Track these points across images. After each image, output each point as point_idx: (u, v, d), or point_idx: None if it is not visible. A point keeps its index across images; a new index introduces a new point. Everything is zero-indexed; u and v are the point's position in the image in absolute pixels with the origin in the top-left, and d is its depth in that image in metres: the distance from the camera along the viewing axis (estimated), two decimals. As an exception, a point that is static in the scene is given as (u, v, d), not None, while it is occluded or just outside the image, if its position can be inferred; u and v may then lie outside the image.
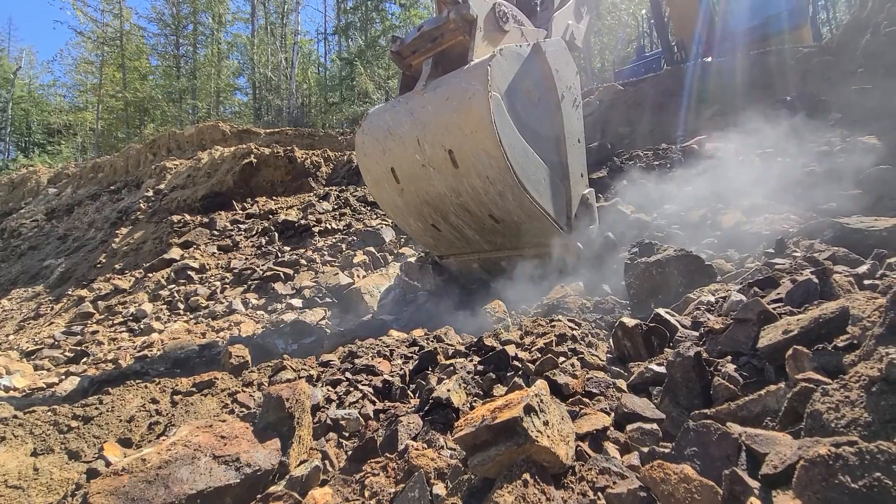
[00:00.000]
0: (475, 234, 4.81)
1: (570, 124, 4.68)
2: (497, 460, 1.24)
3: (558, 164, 4.56)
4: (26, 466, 1.54)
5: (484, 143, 3.82)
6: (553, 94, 4.58)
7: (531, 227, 4.34)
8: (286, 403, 1.89)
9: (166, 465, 1.57)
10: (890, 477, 0.81)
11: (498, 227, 4.45)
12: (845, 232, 4.18)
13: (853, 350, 1.31)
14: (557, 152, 4.61)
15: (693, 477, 1.10)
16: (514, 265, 5.04)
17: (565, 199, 4.52)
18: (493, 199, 4.21)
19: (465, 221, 4.63)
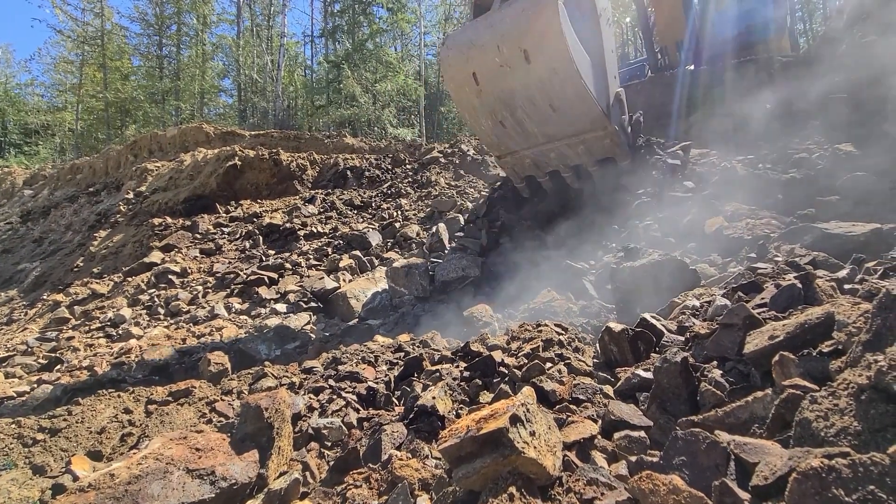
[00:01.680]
0: (534, 126, 5.79)
1: (606, 36, 5.69)
2: (482, 473, 1.20)
3: (599, 65, 5.54)
4: (-18, 485, 1.46)
5: (553, 40, 4.92)
6: (594, 11, 5.63)
7: (580, 113, 5.33)
8: (265, 413, 1.83)
9: (136, 480, 1.50)
10: (884, 490, 0.79)
11: (554, 116, 5.47)
12: (824, 237, 4.27)
13: (839, 356, 1.30)
14: (599, 55, 5.55)
15: (682, 488, 1.08)
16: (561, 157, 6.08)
17: (605, 92, 5.51)
18: (554, 89, 5.26)
19: (529, 113, 5.66)
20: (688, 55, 10.82)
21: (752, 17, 10.80)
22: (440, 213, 9.73)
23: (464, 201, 10.01)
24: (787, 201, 5.36)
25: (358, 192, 12.16)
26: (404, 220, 9.94)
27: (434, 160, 12.45)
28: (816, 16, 28.51)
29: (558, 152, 6.09)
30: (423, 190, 11.22)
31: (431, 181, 11.40)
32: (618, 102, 5.85)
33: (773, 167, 6.04)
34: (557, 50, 4.99)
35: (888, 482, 0.80)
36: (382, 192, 11.79)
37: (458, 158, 12.40)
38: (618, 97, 5.83)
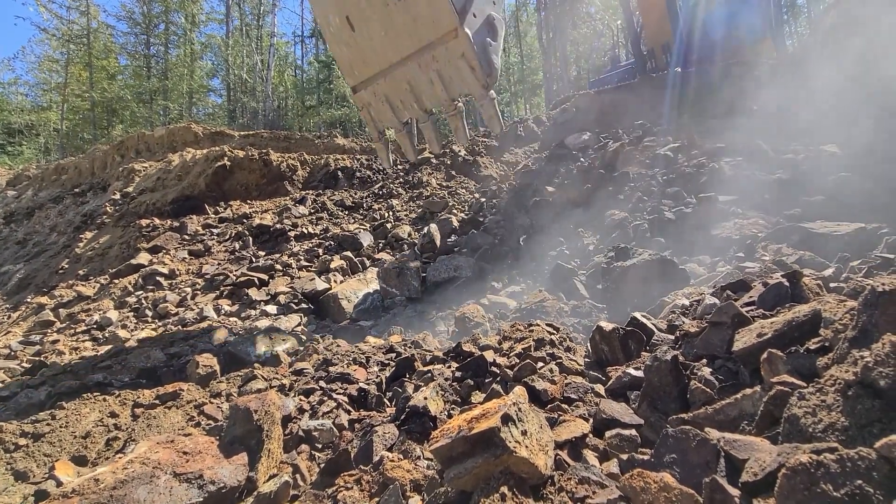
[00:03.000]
0: (379, 27, 4.77)
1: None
2: (474, 473, 1.20)
3: None
4: (-40, 493, 1.41)
5: None
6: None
7: (427, 7, 4.32)
8: (254, 415, 1.80)
9: (122, 485, 1.47)
10: (871, 484, 0.80)
11: (397, 7, 4.45)
12: (810, 236, 4.34)
13: (826, 353, 1.32)
14: None
15: (673, 485, 1.08)
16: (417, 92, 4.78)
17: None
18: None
19: (372, 6, 4.61)
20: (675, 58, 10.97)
21: (735, 21, 10.98)
22: (432, 213, 9.72)
23: (455, 202, 10.02)
24: (775, 201, 5.44)
25: (349, 192, 12.11)
26: (396, 220, 9.92)
27: (425, 161, 12.44)
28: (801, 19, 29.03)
29: (413, 82, 4.87)
30: (414, 191, 11.20)
31: (423, 182, 11.39)
32: (487, 25, 4.63)
33: (760, 168, 6.13)
34: None
35: (875, 476, 0.81)
36: (374, 192, 11.75)
37: (449, 159, 12.41)
38: (490, 20, 4.62)
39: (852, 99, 6.72)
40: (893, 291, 1.12)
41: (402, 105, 5.08)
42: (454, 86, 4.59)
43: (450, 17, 4.21)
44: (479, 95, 4.44)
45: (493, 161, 12.91)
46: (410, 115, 5.05)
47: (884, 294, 1.14)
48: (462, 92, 4.60)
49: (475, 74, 4.34)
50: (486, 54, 4.39)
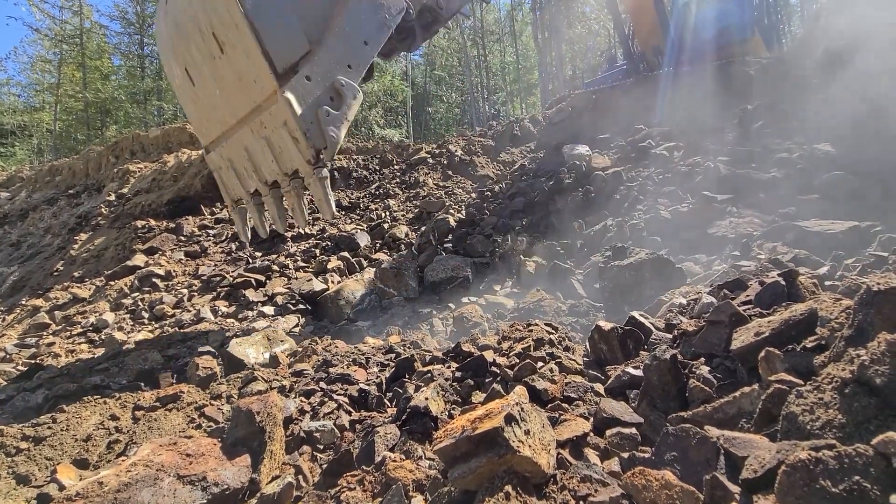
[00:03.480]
0: (212, 82, 4.14)
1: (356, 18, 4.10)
2: (478, 472, 1.21)
3: (314, 28, 3.94)
4: (-36, 497, 1.41)
5: None
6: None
7: (244, 59, 3.68)
8: (257, 417, 1.81)
9: (125, 487, 1.47)
10: (868, 480, 0.82)
11: (222, 62, 3.85)
12: (805, 235, 4.39)
13: (822, 351, 1.34)
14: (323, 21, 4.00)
15: (674, 483, 1.10)
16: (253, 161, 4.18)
17: (298, 53, 3.78)
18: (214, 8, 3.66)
19: (201, 50, 4.01)
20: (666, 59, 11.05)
21: (722, 21, 11.07)
22: (429, 213, 9.73)
23: (452, 202, 10.03)
24: (769, 200, 5.49)
25: (345, 192, 12.09)
26: (393, 220, 9.92)
27: (422, 161, 12.44)
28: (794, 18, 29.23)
29: (250, 149, 4.20)
30: (411, 191, 11.20)
31: (419, 182, 11.40)
32: (330, 91, 3.92)
33: (756, 167, 6.18)
34: None
35: (872, 472, 0.83)
36: (370, 192, 11.75)
37: (445, 159, 12.41)
38: (336, 86, 3.90)
39: (844, 97, 6.78)
40: (889, 291, 1.14)
41: (246, 173, 4.42)
42: (283, 158, 3.91)
43: (268, 77, 3.60)
44: (304, 172, 3.78)
45: (490, 161, 12.93)
46: (255, 185, 4.32)
47: (879, 293, 1.16)
48: (292, 166, 3.90)
49: (298, 147, 3.71)
50: (318, 125, 3.72)
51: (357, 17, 4.13)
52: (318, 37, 3.93)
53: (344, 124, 3.92)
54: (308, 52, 3.82)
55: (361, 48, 4.19)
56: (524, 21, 42.24)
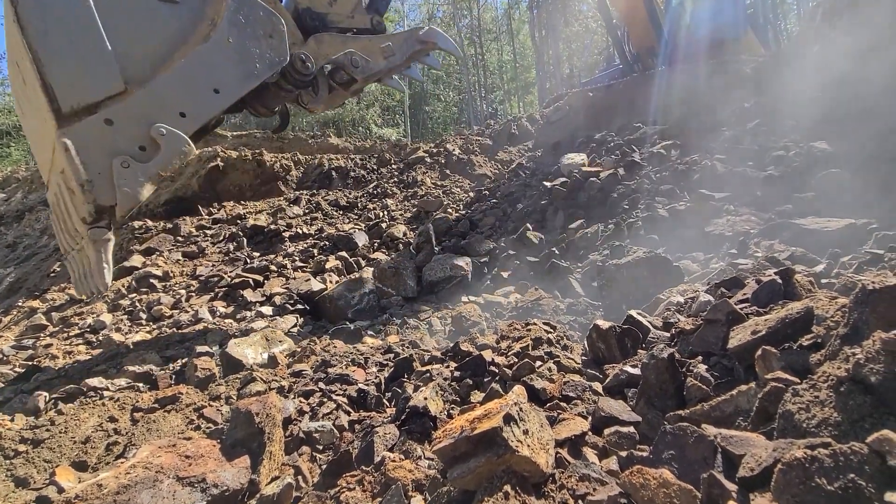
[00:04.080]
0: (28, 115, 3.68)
1: (208, 63, 3.67)
2: (477, 472, 1.22)
3: (140, 67, 3.43)
4: (-36, 500, 1.41)
5: None
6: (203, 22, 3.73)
7: (32, 88, 3.14)
8: (256, 418, 1.81)
9: (125, 489, 1.47)
10: (863, 477, 0.83)
11: (29, 98, 3.36)
12: (801, 232, 4.41)
13: (818, 349, 1.35)
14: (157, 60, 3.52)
15: (672, 481, 1.11)
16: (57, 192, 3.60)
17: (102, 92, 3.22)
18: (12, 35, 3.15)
19: (17, 83, 3.58)
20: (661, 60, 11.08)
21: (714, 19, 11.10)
22: (427, 213, 9.73)
23: (450, 201, 10.03)
24: (766, 198, 5.51)
25: (343, 192, 12.08)
26: (391, 220, 9.91)
27: (420, 160, 12.44)
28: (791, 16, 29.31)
29: (55, 195, 3.64)
30: (409, 190, 11.20)
31: (417, 181, 11.40)
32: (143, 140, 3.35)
33: (753, 165, 6.20)
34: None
35: (867, 470, 0.84)
36: (368, 192, 11.74)
37: (443, 158, 12.41)
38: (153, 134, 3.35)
39: (841, 95, 6.80)
40: (883, 289, 1.15)
41: (58, 221, 3.82)
42: (69, 207, 3.30)
43: (49, 116, 3.04)
44: (79, 229, 3.18)
45: (488, 160, 12.94)
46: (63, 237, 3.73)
47: (874, 292, 1.17)
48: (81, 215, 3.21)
49: (74, 200, 3.12)
50: (108, 178, 3.12)
51: (211, 63, 3.71)
52: (144, 77, 3.42)
53: (149, 180, 3.34)
54: (122, 92, 3.29)
55: (207, 97, 3.70)
56: (521, 19, 42.24)
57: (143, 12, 3.50)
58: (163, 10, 3.57)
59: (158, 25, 3.57)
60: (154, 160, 3.36)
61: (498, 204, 8.58)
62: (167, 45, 3.61)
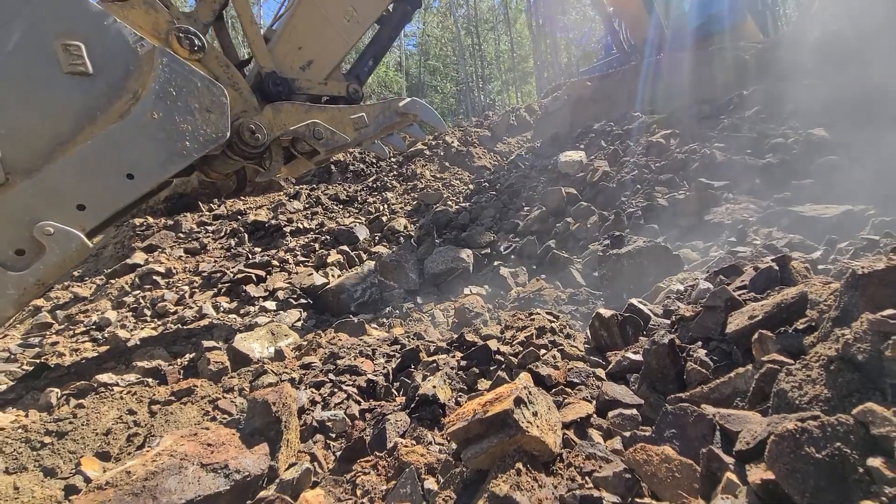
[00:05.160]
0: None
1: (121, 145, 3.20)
2: (490, 452, 1.29)
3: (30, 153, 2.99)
4: (6, 485, 1.48)
5: None
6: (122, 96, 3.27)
7: None
8: (273, 408, 1.88)
9: (152, 476, 1.54)
10: (848, 446, 0.90)
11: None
12: (799, 220, 4.47)
13: (812, 332, 1.42)
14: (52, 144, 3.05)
15: (673, 457, 1.18)
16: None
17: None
18: None
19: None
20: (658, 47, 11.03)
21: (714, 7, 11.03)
22: (427, 205, 9.77)
23: (450, 194, 10.06)
24: (765, 186, 5.56)
25: (343, 186, 12.10)
26: (391, 213, 9.96)
27: (419, 152, 12.44)
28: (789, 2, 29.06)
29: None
30: (408, 183, 11.23)
31: (417, 174, 11.41)
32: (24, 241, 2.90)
33: (752, 153, 6.24)
34: None
35: (852, 439, 0.90)
36: (368, 185, 11.76)
37: (442, 150, 12.42)
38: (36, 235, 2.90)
39: (840, 81, 6.82)
40: (872, 274, 1.21)
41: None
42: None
43: None
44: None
45: (487, 151, 12.94)
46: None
47: (863, 276, 1.23)
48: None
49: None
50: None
51: (125, 144, 3.23)
52: (32, 165, 2.94)
53: (23, 293, 2.84)
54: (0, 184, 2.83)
55: (117, 184, 3.20)
56: (518, 8, 41.83)
57: (41, 86, 2.97)
58: (66, 83, 3.04)
59: (58, 102, 3.05)
60: (32, 267, 2.84)
61: (498, 196, 8.61)
62: (69, 124, 3.08)
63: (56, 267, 2.94)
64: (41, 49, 2.94)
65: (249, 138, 4.11)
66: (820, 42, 7.81)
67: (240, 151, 4.19)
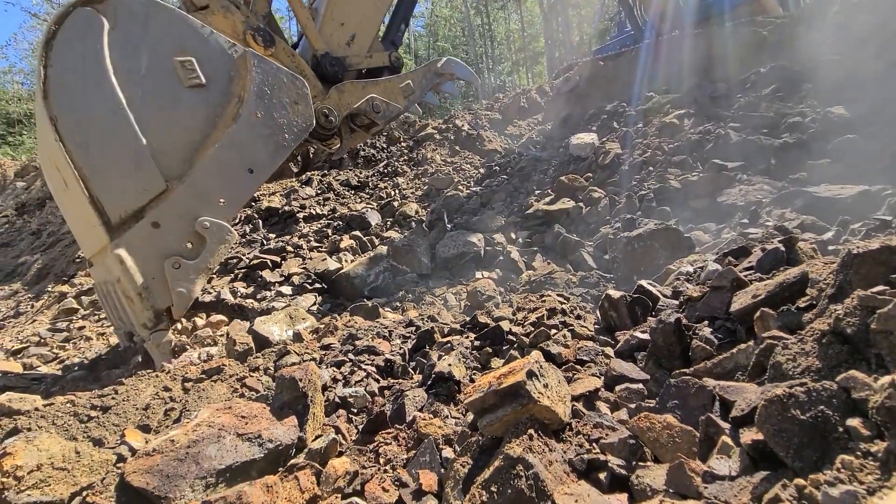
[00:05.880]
0: (69, 210, 3.75)
1: (239, 144, 3.64)
2: (504, 420, 1.40)
3: (178, 162, 3.44)
4: (69, 450, 1.64)
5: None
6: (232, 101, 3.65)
7: (82, 206, 3.15)
8: (300, 383, 2.02)
9: (194, 444, 1.69)
10: (830, 409, 0.98)
11: (71, 201, 3.36)
12: (814, 200, 4.44)
13: (811, 309, 1.48)
14: (191, 152, 3.51)
15: (675, 424, 1.27)
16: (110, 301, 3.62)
17: (146, 196, 3.26)
18: (49, 144, 3.10)
19: (56, 185, 3.55)
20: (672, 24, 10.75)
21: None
22: (438, 190, 9.82)
23: (460, 178, 10.09)
24: (780, 166, 5.50)
25: (354, 172, 12.19)
26: (402, 198, 10.04)
27: (429, 137, 12.43)
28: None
29: (104, 289, 3.67)
30: (419, 167, 11.26)
31: (427, 158, 11.43)
32: (191, 235, 3.40)
33: (768, 132, 6.15)
34: (36, 75, 3.05)
35: (834, 402, 0.98)
36: (379, 171, 11.83)
37: (452, 134, 12.39)
38: (198, 229, 3.40)
39: (860, 57, 6.63)
40: (866, 253, 1.27)
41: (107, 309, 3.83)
42: (128, 311, 3.27)
43: (99, 229, 3.07)
44: (141, 333, 3.20)
45: (497, 134, 12.88)
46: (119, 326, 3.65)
47: (858, 255, 1.29)
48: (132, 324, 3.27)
49: (132, 308, 3.14)
50: (162, 281, 3.19)
51: (242, 143, 3.64)
52: (183, 172, 3.41)
53: (201, 275, 3.38)
54: (164, 191, 3.30)
55: (243, 179, 3.68)
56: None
57: (172, 102, 3.41)
58: (190, 96, 3.48)
59: (188, 113, 3.50)
60: (202, 255, 3.41)
61: (509, 179, 8.62)
62: (199, 132, 3.54)
63: (218, 254, 3.52)
64: (165, 69, 3.39)
65: (325, 122, 4.44)
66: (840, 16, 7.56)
67: (316, 135, 4.52)
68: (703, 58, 9.17)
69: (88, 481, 1.58)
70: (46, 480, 1.55)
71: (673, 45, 9.90)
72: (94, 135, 3.07)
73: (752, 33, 9.06)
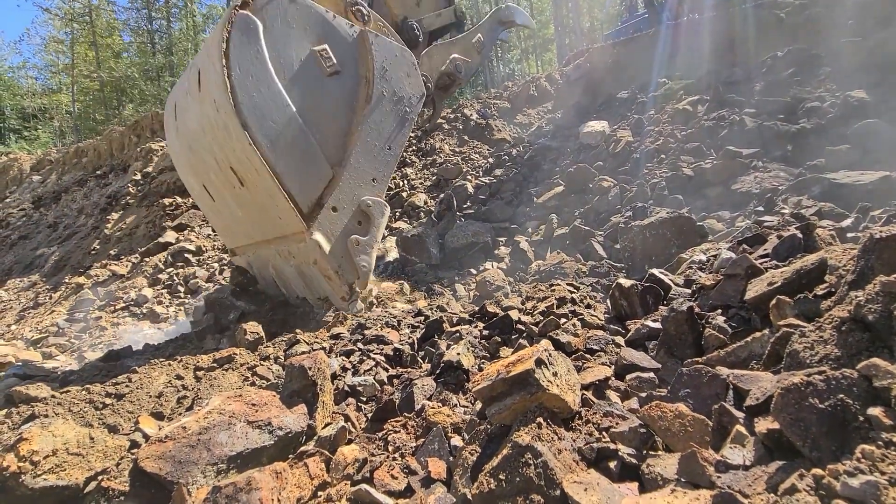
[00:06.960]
0: (235, 206, 4.05)
1: (376, 123, 3.91)
2: (513, 408, 1.39)
3: (336, 149, 3.76)
4: (83, 436, 1.68)
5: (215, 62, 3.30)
6: (361, 83, 3.90)
7: (269, 199, 3.50)
8: (309, 372, 2.03)
9: (206, 431, 1.71)
10: (850, 397, 0.95)
11: (244, 193, 3.71)
12: (832, 187, 4.32)
13: (830, 297, 1.44)
14: (343, 137, 3.81)
15: (686, 413, 1.25)
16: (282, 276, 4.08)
17: (322, 184, 3.61)
18: (229, 143, 3.43)
19: (219, 178, 3.88)
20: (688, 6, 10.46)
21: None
22: (446, 180, 9.77)
23: (469, 168, 10.02)
24: (797, 152, 5.36)
25: (363, 162, 12.16)
26: (411, 189, 10.00)
27: (437, 126, 12.34)
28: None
29: (277, 268, 4.12)
30: (427, 158, 11.20)
31: (436, 148, 11.36)
32: (358, 216, 3.72)
33: (785, 118, 5.98)
34: (216, 82, 3.27)
35: (855, 391, 0.95)
36: (388, 161, 11.77)
37: (461, 124, 12.28)
38: (364, 206, 3.72)
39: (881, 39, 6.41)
40: (889, 237, 1.22)
41: (273, 286, 4.27)
42: (314, 286, 3.74)
43: (294, 219, 3.39)
44: (338, 306, 3.64)
45: (506, 124, 12.74)
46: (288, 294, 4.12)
47: (881, 240, 1.24)
48: (323, 295, 3.71)
49: (332, 286, 3.54)
50: (349, 257, 3.56)
51: (378, 122, 3.90)
52: (341, 157, 3.74)
53: (374, 248, 3.77)
54: (332, 178, 3.66)
55: (385, 155, 3.95)
56: (538, -29, 40.03)
57: (321, 93, 3.67)
58: (331, 85, 3.74)
59: (333, 102, 3.75)
60: (371, 231, 3.74)
61: (518, 169, 8.53)
62: (344, 118, 3.81)
63: (382, 228, 3.85)
64: (310, 62, 3.63)
65: (427, 90, 4.56)
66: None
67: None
68: (721, 41, 8.92)
69: (103, 466, 1.61)
70: (62, 465, 1.59)
71: (690, 28, 9.64)
72: (275, 135, 3.35)
73: (770, 16, 8.79)
